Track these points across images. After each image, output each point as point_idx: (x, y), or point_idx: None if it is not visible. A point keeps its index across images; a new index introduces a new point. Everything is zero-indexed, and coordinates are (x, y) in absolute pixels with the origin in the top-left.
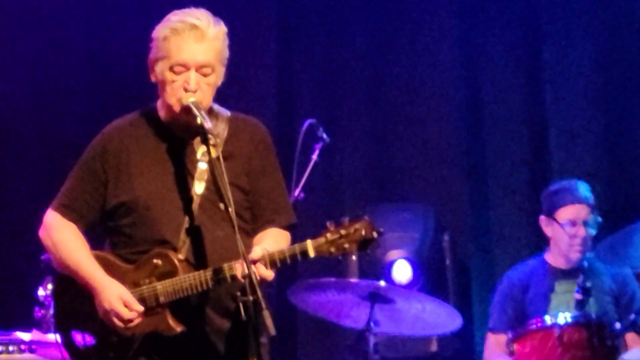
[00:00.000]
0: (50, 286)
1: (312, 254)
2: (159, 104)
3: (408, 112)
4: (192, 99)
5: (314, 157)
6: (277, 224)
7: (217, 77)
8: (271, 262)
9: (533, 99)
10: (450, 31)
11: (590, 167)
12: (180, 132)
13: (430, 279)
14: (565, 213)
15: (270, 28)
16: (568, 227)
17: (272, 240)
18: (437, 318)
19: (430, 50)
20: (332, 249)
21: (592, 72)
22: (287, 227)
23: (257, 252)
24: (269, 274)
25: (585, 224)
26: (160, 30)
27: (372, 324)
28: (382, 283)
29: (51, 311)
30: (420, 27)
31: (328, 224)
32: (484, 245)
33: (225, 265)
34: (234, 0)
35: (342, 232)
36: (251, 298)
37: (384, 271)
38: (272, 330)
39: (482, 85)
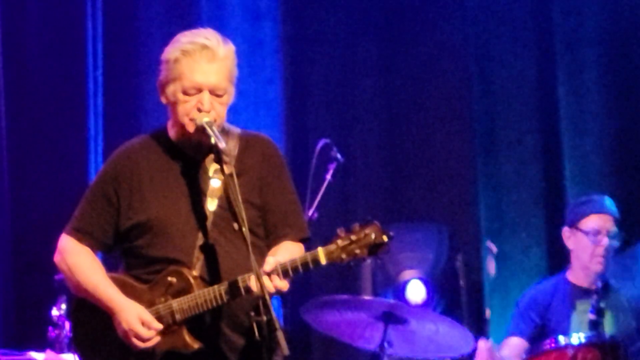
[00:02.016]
0: (64, 306)
1: (323, 261)
2: (169, 124)
3: (422, 132)
4: (206, 119)
5: (328, 177)
6: (291, 237)
7: (229, 96)
8: (283, 272)
9: (547, 124)
10: (465, 52)
11: (602, 188)
12: (191, 151)
13: (444, 300)
14: (590, 222)
15: (282, 48)
16: (592, 236)
17: (286, 253)
18: (451, 340)
19: (444, 71)
20: (344, 255)
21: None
22: (301, 241)
23: (269, 263)
24: (284, 285)
25: (609, 235)
26: (170, 52)
27: (385, 345)
28: (396, 301)
29: (64, 331)
30: (434, 48)
31: (338, 230)
32: (497, 266)
33: (239, 278)
34: (246, 18)
35: (353, 237)
36: (265, 318)
37: (398, 291)
38: (286, 351)
39: (497, 106)
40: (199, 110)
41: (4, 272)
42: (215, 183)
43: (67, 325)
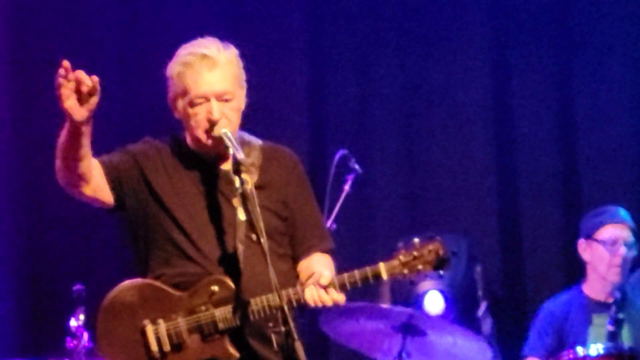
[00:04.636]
0: (82, 317)
1: (385, 276)
2: (187, 134)
3: (440, 142)
4: (224, 130)
5: (346, 188)
6: (319, 249)
7: (239, 101)
8: (341, 286)
9: (566, 129)
10: (484, 62)
11: (622, 196)
12: (212, 160)
13: (462, 311)
14: (606, 232)
15: (301, 58)
16: (609, 246)
17: (324, 265)
18: (469, 352)
19: (463, 80)
20: (406, 271)
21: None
22: (328, 252)
23: (326, 276)
24: (341, 298)
25: (626, 244)
26: (172, 68)
27: (403, 356)
28: (415, 310)
29: (83, 342)
30: (453, 58)
31: (399, 245)
32: (515, 278)
33: (291, 290)
34: (265, 31)
35: (415, 253)
36: (284, 329)
37: (416, 302)
38: None
39: (515, 116)
40: (209, 120)
41: (22, 283)
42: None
43: (85, 335)
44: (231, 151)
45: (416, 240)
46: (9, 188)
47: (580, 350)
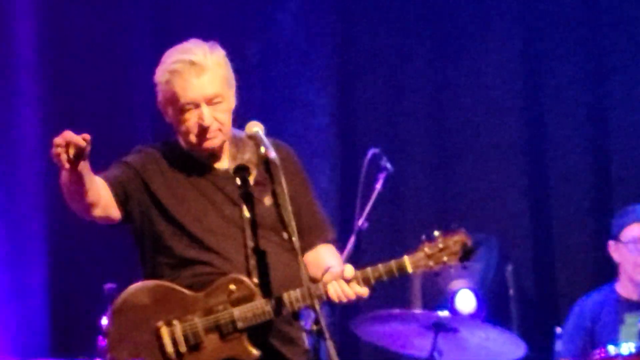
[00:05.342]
0: None
1: (410, 269)
2: (179, 138)
3: (471, 141)
4: (255, 129)
5: (378, 186)
6: (323, 240)
7: (229, 102)
8: (365, 280)
9: (597, 129)
10: (514, 61)
11: None
12: (206, 160)
13: (494, 310)
14: (630, 232)
15: (331, 57)
16: (632, 245)
17: (333, 258)
18: (502, 346)
19: (493, 79)
20: (431, 263)
21: None
22: (331, 242)
23: (348, 271)
24: (365, 292)
25: None
26: (160, 75)
27: (435, 354)
28: (446, 314)
29: None
30: (483, 56)
31: (423, 238)
32: (547, 276)
33: (312, 287)
34: (294, 31)
35: (440, 245)
36: (315, 327)
37: (447, 301)
38: None
39: (545, 114)
40: (200, 126)
41: (54, 282)
42: (245, 190)
43: None
44: (262, 150)
45: (437, 232)
46: (42, 187)
47: (611, 349)
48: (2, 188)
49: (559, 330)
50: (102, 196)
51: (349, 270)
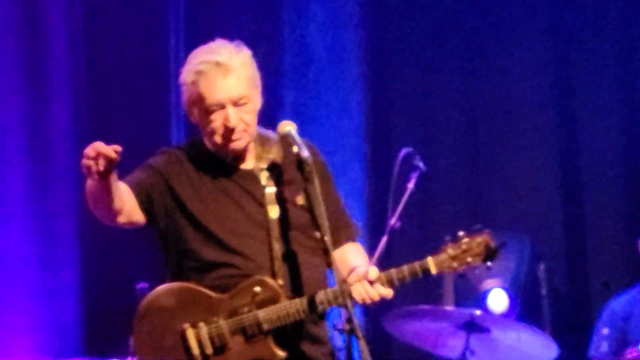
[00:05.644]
0: None
1: (434, 270)
2: (203, 137)
3: (503, 140)
4: (288, 128)
5: (411, 185)
6: (349, 238)
7: (255, 102)
8: (389, 281)
9: (629, 128)
10: (545, 58)
11: None
12: (232, 161)
13: (526, 309)
14: None
15: (363, 57)
16: None
17: (359, 257)
18: (533, 348)
19: (525, 77)
20: (455, 264)
21: None
22: (356, 239)
23: (372, 272)
24: (389, 293)
25: None
26: (186, 75)
27: (467, 354)
28: (478, 312)
29: None
30: (514, 55)
31: (446, 239)
32: (580, 275)
33: (334, 290)
34: (325, 32)
35: (464, 246)
36: (347, 326)
37: (480, 300)
38: (369, 359)
39: (579, 115)
40: (226, 127)
41: (86, 282)
42: (270, 191)
43: None
44: (295, 149)
45: (462, 233)
46: (73, 187)
47: None
48: (35, 188)
49: (605, 331)
50: (126, 202)
51: (373, 272)
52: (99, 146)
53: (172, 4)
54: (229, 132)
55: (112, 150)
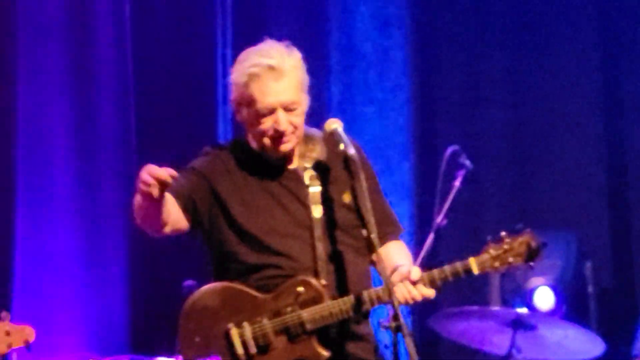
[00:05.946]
0: None
1: (476, 270)
2: (249, 137)
3: (549, 138)
4: (335, 126)
5: (457, 183)
6: (393, 236)
7: (303, 106)
8: (431, 281)
9: None
10: (592, 57)
11: None
12: (279, 161)
13: (572, 307)
14: None
15: (411, 54)
16: None
17: (402, 256)
18: (580, 344)
19: (570, 76)
20: (497, 264)
21: None
22: (399, 237)
23: (415, 273)
24: (432, 293)
25: None
26: (238, 76)
27: (514, 351)
28: (525, 311)
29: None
30: (561, 53)
31: (488, 239)
32: (626, 273)
33: (380, 289)
34: (372, 26)
35: (506, 246)
36: (394, 324)
37: (526, 298)
38: (415, 357)
39: (626, 113)
40: (276, 130)
41: (134, 279)
42: (313, 190)
43: None
44: (342, 147)
45: (504, 233)
46: (121, 185)
47: None
48: (82, 186)
49: None
50: (172, 214)
51: (416, 272)
52: (154, 171)
53: (219, 3)
54: (278, 135)
55: (167, 175)
